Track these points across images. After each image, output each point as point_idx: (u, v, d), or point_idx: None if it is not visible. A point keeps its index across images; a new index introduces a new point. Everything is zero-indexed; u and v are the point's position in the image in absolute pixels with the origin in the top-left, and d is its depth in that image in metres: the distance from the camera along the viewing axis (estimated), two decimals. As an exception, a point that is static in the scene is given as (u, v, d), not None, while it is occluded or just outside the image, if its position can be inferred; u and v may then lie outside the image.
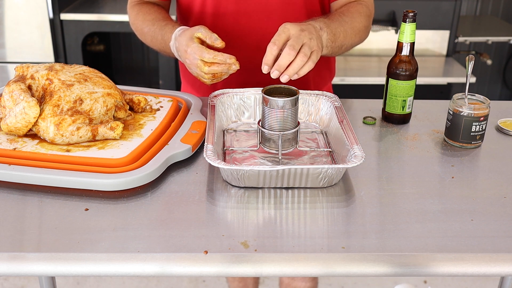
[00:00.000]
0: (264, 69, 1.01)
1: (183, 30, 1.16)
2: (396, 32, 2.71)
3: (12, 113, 1.02)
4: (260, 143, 1.06)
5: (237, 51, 1.18)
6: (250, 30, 1.29)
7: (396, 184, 0.98)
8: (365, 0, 1.33)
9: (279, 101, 0.99)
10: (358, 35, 1.26)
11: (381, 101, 1.30)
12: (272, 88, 1.03)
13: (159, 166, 0.96)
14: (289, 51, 1.00)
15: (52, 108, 1.01)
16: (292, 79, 1.02)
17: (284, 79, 1.00)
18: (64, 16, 2.60)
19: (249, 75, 1.32)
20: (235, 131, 1.16)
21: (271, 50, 1.01)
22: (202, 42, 1.12)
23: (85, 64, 1.62)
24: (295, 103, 1.01)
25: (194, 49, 1.09)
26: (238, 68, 1.10)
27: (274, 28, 1.29)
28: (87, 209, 0.89)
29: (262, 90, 1.01)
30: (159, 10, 1.31)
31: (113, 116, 1.08)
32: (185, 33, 1.14)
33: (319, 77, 1.42)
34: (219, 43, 1.11)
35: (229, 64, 1.09)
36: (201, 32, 1.11)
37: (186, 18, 1.35)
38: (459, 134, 1.12)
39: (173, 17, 1.38)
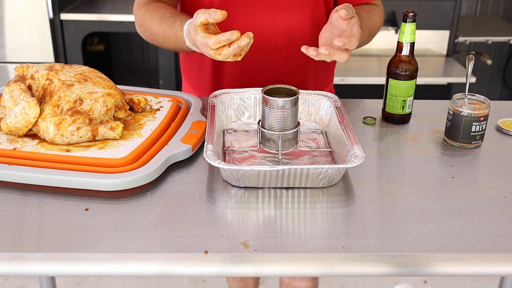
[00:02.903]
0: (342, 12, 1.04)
1: (188, 26, 1.12)
2: (396, 32, 2.71)
3: (12, 113, 1.02)
4: (260, 143, 1.06)
5: None
6: (256, 31, 1.28)
7: (396, 184, 0.98)
8: (379, 5, 1.35)
9: (279, 101, 0.99)
10: (371, 39, 1.33)
11: (381, 101, 1.30)
12: (272, 88, 1.03)
13: (159, 166, 0.96)
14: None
15: (52, 108, 1.01)
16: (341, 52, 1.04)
17: (339, 42, 1.02)
18: (64, 16, 2.60)
19: (253, 74, 1.32)
20: (235, 131, 1.16)
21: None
22: (207, 26, 1.05)
23: (85, 64, 1.62)
24: (295, 103, 1.01)
25: (200, 41, 1.04)
26: (252, 39, 1.01)
27: (280, 30, 1.30)
28: (87, 209, 0.89)
29: (262, 90, 1.01)
30: (166, 7, 1.27)
31: (113, 116, 1.08)
32: (190, 28, 1.09)
33: (321, 78, 1.42)
34: (218, 15, 1.01)
35: (236, 40, 1.00)
36: (200, 17, 1.03)
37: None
38: (459, 134, 1.12)
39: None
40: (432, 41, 2.81)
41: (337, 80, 2.61)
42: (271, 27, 1.29)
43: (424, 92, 2.52)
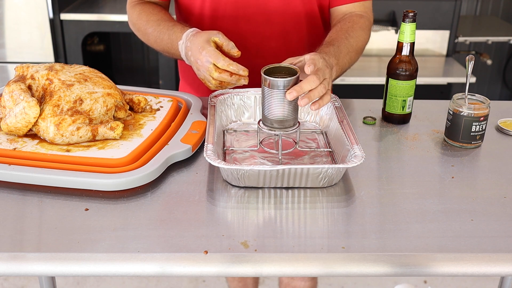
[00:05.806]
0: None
1: (197, 31, 1.15)
2: (396, 32, 2.70)
3: (12, 113, 1.02)
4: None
5: None
6: (249, 34, 1.29)
7: (396, 184, 0.98)
8: (367, 12, 1.33)
9: (279, 81, 0.94)
10: (360, 54, 1.28)
11: (381, 101, 1.30)
12: (272, 68, 0.98)
13: (159, 166, 0.96)
14: (315, 80, 0.95)
15: (52, 108, 1.01)
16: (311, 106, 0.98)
17: (303, 102, 0.95)
18: (64, 16, 2.60)
19: (249, 75, 1.32)
20: (235, 131, 1.17)
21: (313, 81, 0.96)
22: (217, 47, 1.12)
23: (85, 64, 1.62)
24: (296, 83, 0.96)
25: (210, 52, 1.08)
26: (246, 83, 1.09)
27: (273, 32, 1.30)
28: (87, 209, 0.89)
29: (262, 70, 0.97)
30: (163, 11, 1.29)
31: (113, 116, 1.08)
32: (201, 34, 1.13)
33: None
34: (235, 51, 1.11)
35: (239, 76, 1.08)
36: (219, 37, 1.10)
37: (186, 20, 1.34)
38: (459, 134, 1.12)
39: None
40: (432, 41, 2.81)
41: (337, 80, 2.59)
42: (264, 30, 1.29)
43: (424, 92, 2.52)
